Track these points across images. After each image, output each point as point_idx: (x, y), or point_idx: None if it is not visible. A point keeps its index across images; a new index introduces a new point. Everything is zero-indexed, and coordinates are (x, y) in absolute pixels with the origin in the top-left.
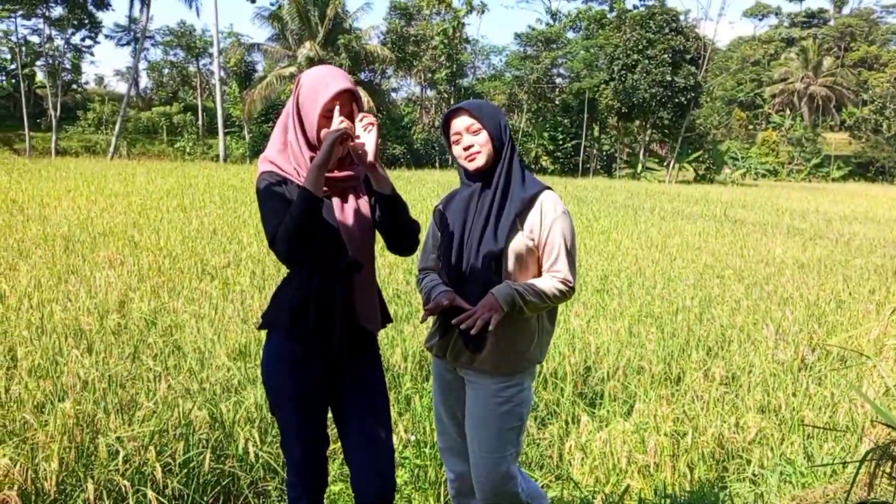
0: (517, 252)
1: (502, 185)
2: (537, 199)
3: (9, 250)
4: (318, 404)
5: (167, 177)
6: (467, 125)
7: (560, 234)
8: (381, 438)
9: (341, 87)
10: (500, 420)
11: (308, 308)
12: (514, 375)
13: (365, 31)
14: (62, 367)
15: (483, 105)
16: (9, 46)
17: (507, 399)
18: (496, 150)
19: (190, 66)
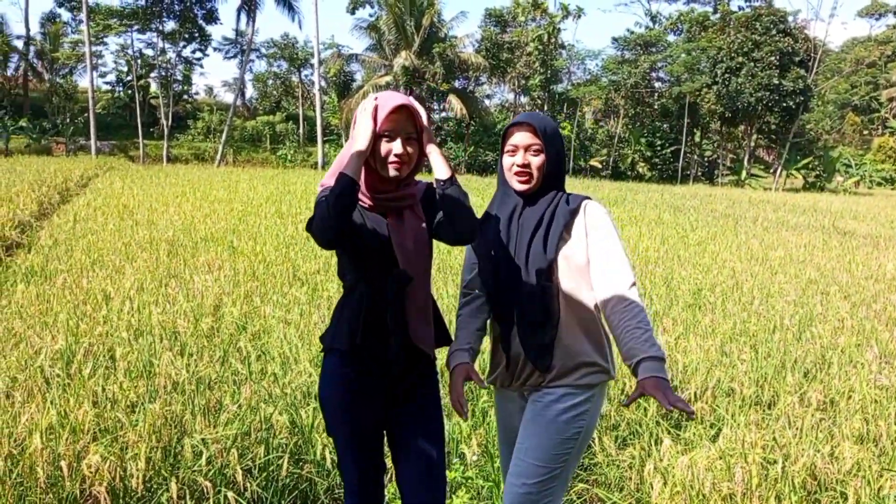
0: (567, 259)
1: (550, 209)
2: (580, 208)
3: (117, 254)
4: (374, 429)
5: (268, 184)
6: (529, 143)
7: (609, 240)
8: (433, 464)
9: (397, 103)
10: (559, 428)
11: (361, 327)
12: (584, 387)
13: (459, 40)
14: (156, 368)
15: (549, 125)
16: (126, 59)
17: (572, 407)
18: (548, 175)
19: (292, 76)
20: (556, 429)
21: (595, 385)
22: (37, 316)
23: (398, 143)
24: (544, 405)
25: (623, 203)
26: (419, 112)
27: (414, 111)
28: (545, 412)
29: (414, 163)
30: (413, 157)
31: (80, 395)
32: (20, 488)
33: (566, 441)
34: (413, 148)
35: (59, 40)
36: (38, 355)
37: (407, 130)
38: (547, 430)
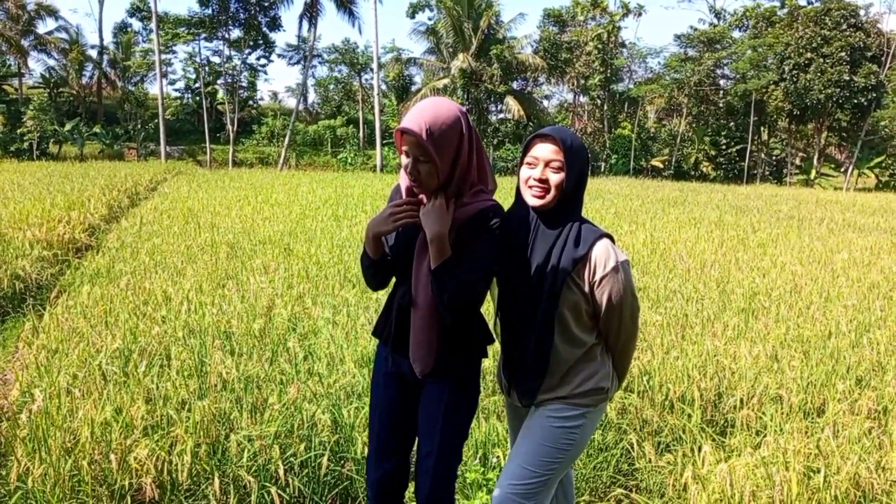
0: (571, 310)
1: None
2: (589, 253)
3: (179, 255)
4: (392, 418)
5: (327, 187)
6: (550, 157)
7: (618, 289)
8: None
9: (401, 126)
10: (550, 436)
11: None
12: (579, 405)
13: (517, 41)
14: (207, 367)
15: (576, 142)
16: (194, 67)
17: (566, 419)
18: (567, 193)
19: (353, 81)
20: (547, 436)
21: (590, 405)
22: (99, 316)
23: (410, 161)
24: (541, 415)
25: (683, 204)
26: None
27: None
28: (540, 420)
29: (433, 182)
30: (428, 174)
31: (134, 393)
32: (74, 479)
33: (556, 450)
34: (427, 167)
35: (131, 49)
36: (98, 354)
37: (415, 153)
38: (539, 436)
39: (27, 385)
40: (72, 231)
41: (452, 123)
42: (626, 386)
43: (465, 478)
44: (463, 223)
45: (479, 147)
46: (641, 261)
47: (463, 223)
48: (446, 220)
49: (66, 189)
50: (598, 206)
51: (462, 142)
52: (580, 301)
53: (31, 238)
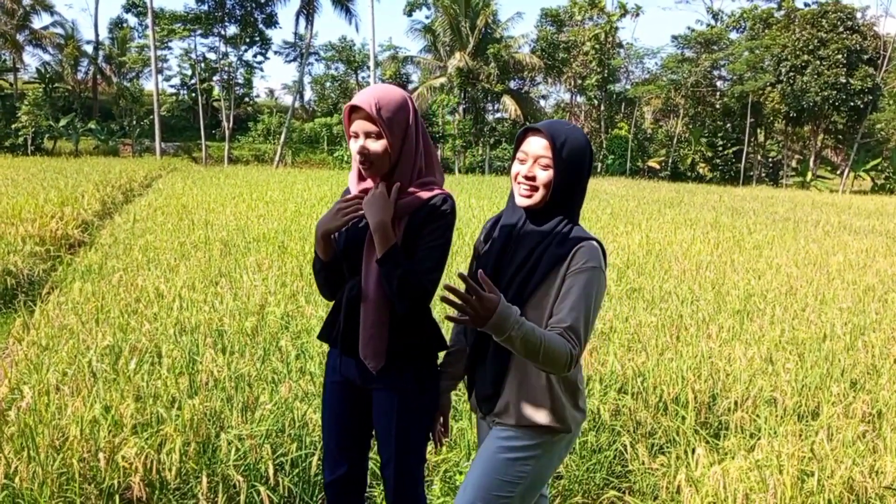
0: (538, 309)
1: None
2: (572, 251)
3: (173, 252)
4: (341, 427)
5: (322, 185)
6: (539, 154)
7: (579, 290)
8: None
9: (350, 102)
10: (499, 467)
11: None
12: (533, 434)
13: (515, 40)
14: (198, 365)
15: (571, 138)
16: (189, 63)
17: (516, 448)
18: (557, 193)
19: (350, 79)
20: (496, 467)
21: (546, 434)
22: (90, 313)
23: (357, 141)
24: (493, 438)
25: (679, 205)
26: (374, 109)
27: (368, 108)
28: (491, 445)
29: (384, 163)
30: (378, 155)
31: (124, 391)
32: (62, 478)
33: (505, 483)
34: (378, 145)
35: (127, 45)
36: (88, 351)
37: (366, 129)
38: (489, 465)
39: (16, 382)
40: (65, 227)
41: (401, 103)
42: (620, 387)
43: None
44: (413, 212)
45: (426, 137)
46: (637, 262)
47: (413, 212)
48: (388, 208)
49: (60, 185)
50: (594, 206)
51: (409, 125)
52: (549, 302)
53: (24, 234)
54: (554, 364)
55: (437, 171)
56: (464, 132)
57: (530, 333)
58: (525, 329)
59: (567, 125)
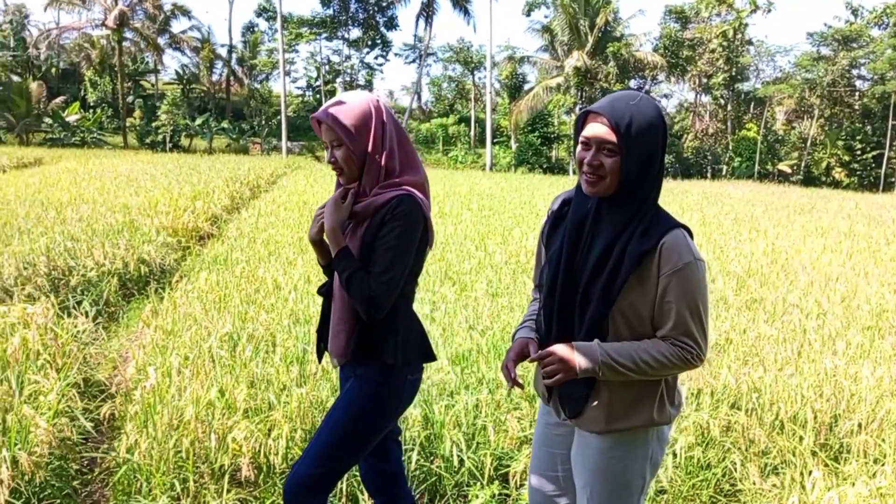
0: (629, 313)
1: (624, 239)
2: (657, 247)
3: (292, 247)
4: None
5: (435, 184)
6: (602, 139)
7: (678, 292)
8: (306, 452)
9: (312, 116)
10: (614, 477)
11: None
12: (627, 436)
13: (636, 38)
14: (309, 355)
15: (636, 119)
16: (315, 65)
17: (622, 457)
18: (628, 179)
19: (466, 79)
20: (611, 474)
21: (652, 427)
22: (214, 301)
23: (328, 151)
24: (594, 454)
25: (811, 211)
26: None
27: (324, 122)
28: (597, 460)
29: (352, 168)
30: (344, 162)
31: (238, 376)
32: (177, 456)
33: (624, 487)
34: (341, 153)
35: (257, 48)
36: (209, 337)
37: (329, 138)
38: (602, 476)
39: (143, 364)
40: (195, 220)
41: (359, 110)
42: (733, 402)
43: None
44: (371, 215)
45: (400, 138)
46: (760, 271)
47: (371, 215)
48: (340, 212)
49: (193, 180)
50: (716, 210)
51: (372, 129)
52: (643, 304)
53: (158, 225)
54: (665, 372)
55: (412, 170)
56: None
57: (625, 360)
58: (618, 359)
59: (632, 99)
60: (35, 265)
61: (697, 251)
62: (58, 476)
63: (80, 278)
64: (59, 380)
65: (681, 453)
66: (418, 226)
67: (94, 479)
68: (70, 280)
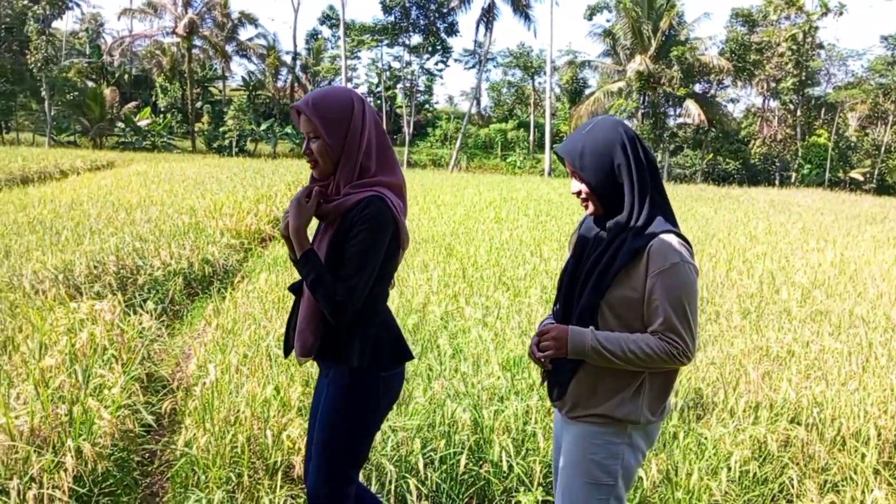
0: (617, 306)
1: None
2: (646, 247)
3: None
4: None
5: (493, 189)
6: (572, 169)
7: (663, 290)
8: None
9: (292, 105)
10: (587, 469)
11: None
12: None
13: (701, 42)
14: None
15: (589, 145)
16: (376, 72)
17: (589, 448)
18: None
19: (526, 84)
20: (584, 471)
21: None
22: (272, 301)
23: (305, 143)
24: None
25: (884, 221)
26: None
27: (303, 112)
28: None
29: (326, 161)
30: (320, 155)
31: (294, 375)
32: (233, 451)
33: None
34: (316, 145)
35: (321, 55)
36: (266, 336)
37: (307, 129)
38: (576, 469)
39: (204, 360)
40: (258, 222)
41: (341, 102)
42: (793, 417)
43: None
44: (342, 215)
45: (378, 137)
46: (827, 282)
47: (342, 215)
48: (304, 212)
49: (257, 184)
50: (783, 219)
51: (352, 122)
52: (630, 299)
53: (223, 227)
54: (651, 365)
55: (388, 171)
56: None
57: (614, 347)
58: (607, 346)
59: (586, 128)
60: (105, 264)
61: (686, 254)
62: (119, 467)
63: (147, 277)
64: (123, 374)
65: (735, 467)
66: (387, 228)
67: (154, 471)
68: (137, 279)
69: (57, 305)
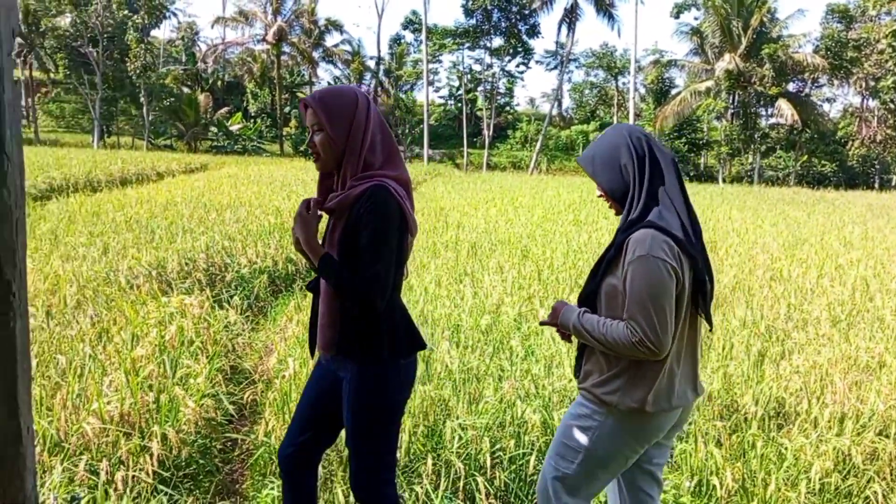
0: (606, 294)
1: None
2: (627, 240)
3: (426, 251)
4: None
5: (573, 192)
6: (589, 175)
7: (629, 281)
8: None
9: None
10: (565, 431)
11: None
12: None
13: (794, 39)
14: (434, 355)
15: (598, 152)
16: (457, 75)
17: (578, 416)
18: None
19: (609, 85)
20: (563, 430)
21: (606, 404)
22: None
23: (309, 136)
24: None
25: None
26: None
27: (310, 105)
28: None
29: (328, 155)
30: (323, 149)
31: None
32: None
33: (571, 449)
34: (320, 138)
35: (403, 59)
36: None
37: (311, 122)
38: (560, 427)
39: (284, 354)
40: None
41: (347, 98)
42: (881, 430)
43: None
44: (349, 208)
45: (383, 133)
46: None
47: (349, 208)
48: (307, 224)
49: None
50: (880, 223)
51: (356, 117)
52: (615, 287)
53: None
54: (618, 350)
55: (392, 166)
56: (731, 139)
57: (590, 328)
58: (585, 325)
59: (600, 138)
60: (195, 261)
61: (657, 249)
62: (201, 453)
63: (234, 274)
64: (208, 365)
65: (814, 478)
66: (394, 215)
67: (234, 459)
68: (225, 276)
69: (149, 299)
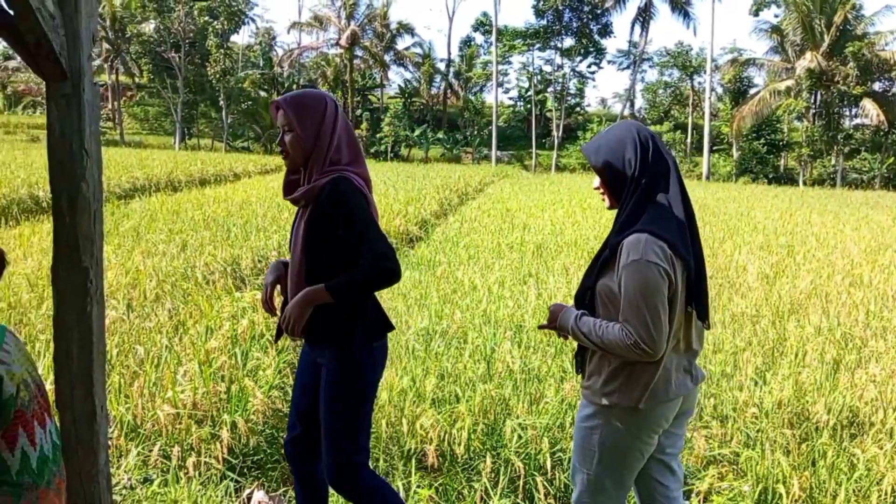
0: (603, 295)
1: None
2: (621, 243)
3: (491, 251)
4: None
5: None
6: (591, 165)
7: (624, 284)
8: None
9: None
10: (578, 434)
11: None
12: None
13: (881, 36)
14: (496, 354)
15: (604, 144)
16: (526, 76)
17: (585, 417)
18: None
19: (684, 84)
20: (577, 434)
21: (606, 404)
22: (415, 298)
23: (280, 136)
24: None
25: None
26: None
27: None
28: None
29: (297, 153)
30: (292, 147)
31: (430, 368)
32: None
33: (587, 451)
34: (289, 137)
35: (473, 61)
36: (407, 330)
37: (282, 122)
38: (575, 431)
39: None
40: (406, 223)
41: (315, 100)
42: None
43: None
44: (315, 198)
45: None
46: None
47: (315, 198)
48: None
49: (408, 187)
50: None
51: (325, 119)
52: (610, 289)
53: None
54: (615, 352)
55: (356, 163)
56: (812, 140)
57: (587, 331)
58: (582, 329)
59: (607, 131)
60: (268, 259)
61: (649, 253)
62: (268, 442)
63: None
64: (276, 358)
65: (887, 489)
66: (360, 198)
67: None
68: None
69: (223, 294)
